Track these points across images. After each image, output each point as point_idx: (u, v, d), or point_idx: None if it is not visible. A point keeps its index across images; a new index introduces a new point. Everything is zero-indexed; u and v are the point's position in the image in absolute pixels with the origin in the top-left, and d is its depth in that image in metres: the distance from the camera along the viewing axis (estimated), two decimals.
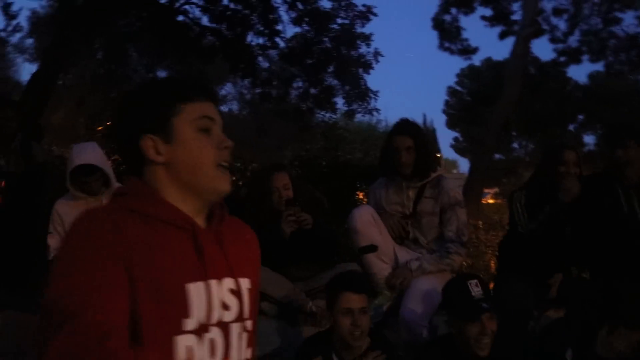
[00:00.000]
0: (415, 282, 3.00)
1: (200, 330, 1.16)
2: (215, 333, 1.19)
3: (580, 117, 26.11)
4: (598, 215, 3.06)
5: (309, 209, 3.12)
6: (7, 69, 20.58)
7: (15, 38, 19.43)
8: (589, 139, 27.02)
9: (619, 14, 14.12)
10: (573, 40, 15.06)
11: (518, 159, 26.48)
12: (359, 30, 9.90)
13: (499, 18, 16.22)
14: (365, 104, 10.12)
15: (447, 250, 3.07)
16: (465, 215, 3.20)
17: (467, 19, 17.54)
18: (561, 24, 15.02)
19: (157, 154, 1.22)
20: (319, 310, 2.95)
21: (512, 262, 3.22)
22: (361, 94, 10.07)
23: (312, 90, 10.63)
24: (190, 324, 1.15)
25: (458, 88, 28.42)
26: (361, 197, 6.70)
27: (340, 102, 10.55)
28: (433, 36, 17.12)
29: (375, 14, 9.90)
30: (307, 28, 9.98)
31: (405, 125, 3.27)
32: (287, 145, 18.03)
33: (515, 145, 27.03)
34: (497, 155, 24.60)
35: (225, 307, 1.21)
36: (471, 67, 26.51)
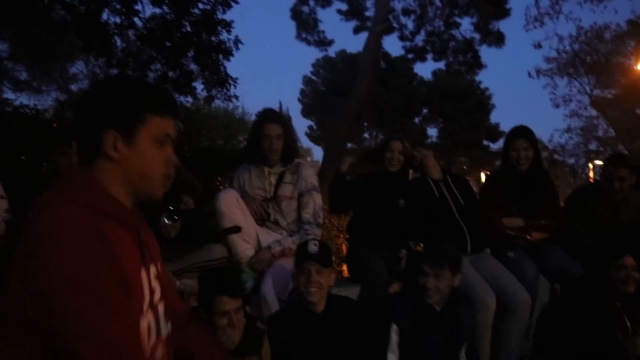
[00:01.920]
0: (275, 261, 3.29)
1: (147, 312, 1.31)
2: (151, 314, 1.34)
3: (425, 110, 28.15)
4: (419, 199, 3.66)
5: (183, 190, 3.27)
6: None
7: None
8: (432, 131, 29.26)
9: (458, 19, 15.50)
10: (419, 40, 16.22)
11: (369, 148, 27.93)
12: (220, 16, 9.90)
13: (354, 13, 17.04)
14: (225, 91, 10.17)
15: (305, 232, 3.38)
16: (320, 200, 3.54)
17: (324, 12, 18.11)
18: (409, 23, 16.11)
19: (114, 149, 1.29)
20: (186, 289, 3.14)
21: (361, 240, 3.67)
22: (221, 80, 10.08)
23: (171, 74, 10.45)
24: (145, 306, 1.30)
25: (313, 78, 29.16)
26: (218, 181, 6.83)
27: (199, 87, 10.49)
28: (291, 26, 17.45)
29: (236, 1, 9.94)
30: (167, 10, 9.78)
31: (275, 114, 3.54)
32: None
33: (366, 135, 28.38)
34: (349, 145, 25.75)
35: (152, 290, 1.37)
36: (326, 58, 27.31)
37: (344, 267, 4.70)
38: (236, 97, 10.30)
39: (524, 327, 3.43)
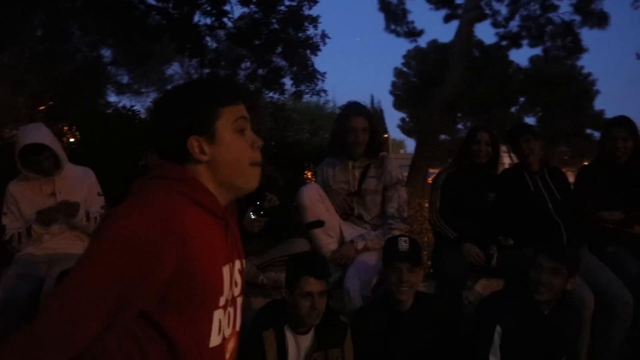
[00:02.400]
0: (358, 256, 3.23)
1: (225, 305, 1.35)
2: (229, 307, 1.38)
3: (522, 99, 26.99)
4: (513, 196, 3.45)
5: (266, 186, 3.30)
6: None
7: None
8: (529, 121, 28.00)
9: (555, 2, 14.66)
10: (513, 25, 15.52)
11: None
12: (307, 12, 9.98)
13: (444, 2, 16.55)
14: (313, 85, 10.25)
15: (389, 227, 3.30)
16: (405, 194, 3.45)
17: (413, 2, 17.80)
18: (502, 9, 15.46)
19: (201, 153, 1.33)
20: (269, 282, 3.16)
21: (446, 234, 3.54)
22: (309, 75, 10.19)
23: (260, 71, 10.68)
24: (222, 300, 1.33)
25: (405, 69, 28.75)
26: (309, 176, 6.88)
27: (288, 83, 10.65)
28: (380, 18, 17.23)
29: None
30: (254, 9, 9.99)
31: (360, 107, 3.49)
32: None
33: (460, 126, 27.69)
34: (442, 136, 25.21)
35: (235, 284, 1.41)
36: (417, 49, 26.79)
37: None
38: (324, 91, 10.37)
39: (625, 329, 3.15)
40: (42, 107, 16.44)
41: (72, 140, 7.41)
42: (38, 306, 2.76)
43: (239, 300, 1.45)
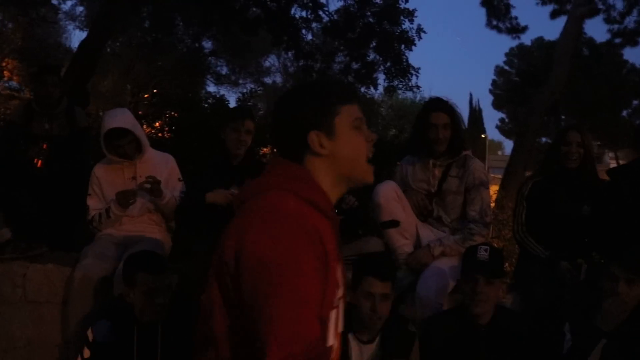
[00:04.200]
0: (434, 261, 3.05)
1: (338, 305, 1.35)
2: (340, 308, 1.39)
3: (635, 102, 25.24)
4: (623, 205, 3.07)
5: None
6: (59, 36, 21.15)
7: (66, 5, 19.96)
8: None
9: None
10: (630, 21, 14.46)
11: None
12: (403, 5, 9.76)
13: None
14: (406, 81, 10.02)
15: (470, 232, 3.08)
16: (489, 196, 3.22)
17: None
18: (618, 3, 14.43)
19: (321, 147, 1.37)
20: None
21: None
22: (402, 71, 9.96)
23: (354, 65, 10.59)
24: (336, 301, 1.33)
25: (506, 68, 27.78)
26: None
27: (381, 77, 10.49)
28: (481, 13, 16.61)
29: None
30: (350, 2, 9.91)
31: (441, 102, 3.28)
32: None
33: None
34: (543, 139, 24.04)
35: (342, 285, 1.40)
36: (521, 47, 25.86)
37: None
38: (418, 87, 10.14)
39: None
40: (146, 95, 17.31)
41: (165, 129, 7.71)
42: (112, 286, 2.83)
43: (342, 302, 1.44)
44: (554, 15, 15.95)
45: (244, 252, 1.21)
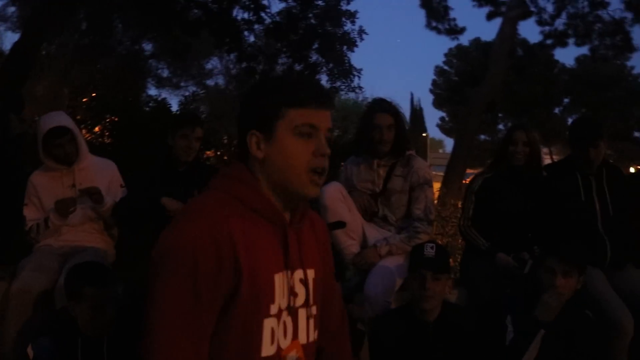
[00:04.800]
0: (381, 260, 3.10)
1: (279, 314, 1.32)
2: (286, 317, 1.35)
3: (566, 100, 26.27)
4: (557, 201, 3.21)
5: None
6: None
7: None
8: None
9: None
10: (560, 23, 15.05)
11: None
12: (344, 7, 9.87)
13: None
14: (349, 82, 10.13)
15: (415, 230, 3.14)
16: (433, 194, 3.29)
17: None
18: (548, 6, 14.98)
19: (257, 149, 1.33)
20: None
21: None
22: (345, 72, 10.07)
23: (297, 67, 10.62)
24: (273, 308, 1.31)
25: (446, 68, 28.38)
26: None
27: (324, 78, 10.56)
28: (421, 15, 16.90)
29: None
30: (292, 4, 9.93)
31: (385, 104, 3.33)
32: None
33: (501, 126, 27.13)
34: (482, 137, 24.72)
35: (294, 294, 1.37)
36: (459, 47, 26.44)
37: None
38: (360, 88, 10.24)
39: None
40: (85, 99, 16.78)
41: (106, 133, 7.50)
42: (52, 299, 2.72)
43: (304, 311, 1.40)
44: (489, 17, 16.43)
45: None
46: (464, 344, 2.61)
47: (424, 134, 31.93)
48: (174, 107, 9.31)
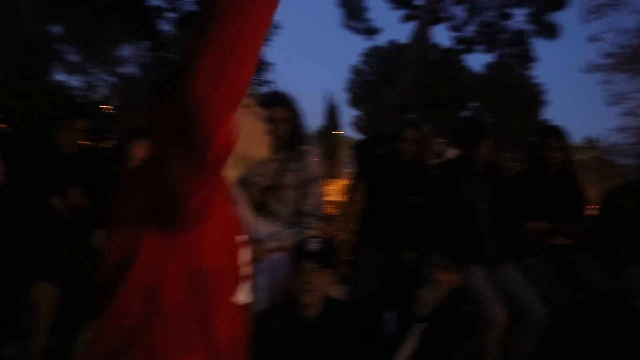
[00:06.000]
0: (267, 256, 3.10)
1: (244, 279, 1.34)
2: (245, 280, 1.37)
3: (476, 104, 27.36)
4: (443, 198, 3.34)
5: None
6: None
7: None
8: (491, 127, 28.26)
9: (512, 11, 14.88)
10: (470, 30, 15.68)
11: None
12: None
13: (403, 1, 16.61)
14: (260, 76, 10.06)
15: (304, 225, 3.17)
16: (323, 191, 3.34)
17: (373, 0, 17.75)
18: (460, 13, 15.60)
19: None
20: None
21: (367, 236, 3.44)
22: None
23: None
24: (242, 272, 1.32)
25: (362, 67, 28.78)
26: None
27: None
28: (338, 13, 17.07)
29: None
30: None
31: (281, 97, 3.33)
32: None
33: None
34: None
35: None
36: (376, 48, 26.93)
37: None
38: (271, 82, 10.17)
39: (535, 343, 3.14)
40: None
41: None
42: None
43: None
44: (405, 19, 16.86)
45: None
46: (344, 340, 2.65)
47: (338, 132, 32.28)
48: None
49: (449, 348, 2.78)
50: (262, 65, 10.01)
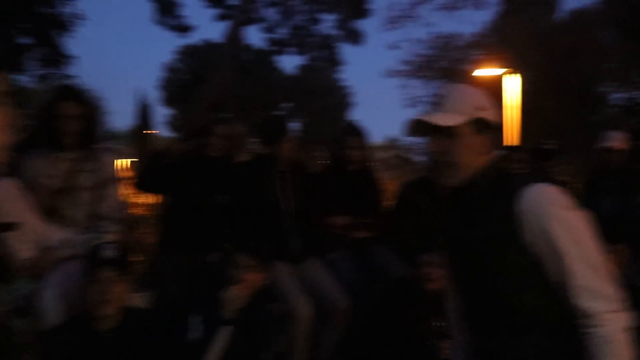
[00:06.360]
0: (61, 264, 2.81)
1: None
2: None
3: (288, 105, 28.23)
4: (248, 196, 3.32)
5: None
6: None
7: None
8: (294, 127, 29.30)
9: (321, 16, 15.57)
10: (282, 33, 16.08)
11: None
12: None
13: (217, 0, 16.46)
14: (60, 69, 9.27)
15: (100, 230, 2.94)
16: (120, 192, 3.13)
17: None
18: (273, 15, 15.90)
19: None
20: None
21: (169, 238, 3.30)
22: (54, 58, 9.18)
23: None
24: None
25: (176, 65, 28.20)
26: None
27: (32, 64, 9.46)
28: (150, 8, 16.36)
29: None
30: None
31: (73, 92, 3.05)
32: None
33: None
34: None
35: None
36: (190, 46, 26.54)
37: None
38: (73, 76, 9.43)
39: (340, 334, 3.26)
40: None
41: None
42: None
43: None
44: (219, 18, 16.72)
45: None
46: (146, 351, 2.49)
47: (152, 131, 31.23)
48: None
49: (258, 348, 2.77)
50: (61, 58, 9.19)
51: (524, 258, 1.47)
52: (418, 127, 1.61)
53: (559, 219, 1.43)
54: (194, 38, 25.83)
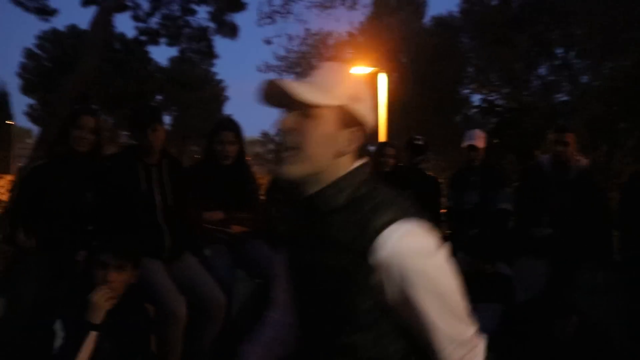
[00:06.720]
0: None
1: None
2: None
3: (159, 97, 27.41)
4: (117, 192, 3.17)
5: None
6: None
7: None
8: (166, 119, 28.63)
9: (195, 7, 15.24)
10: (154, 22, 15.53)
11: None
12: None
13: None
14: None
15: None
16: None
17: None
18: (144, 4, 15.29)
19: None
20: None
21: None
22: None
23: None
24: None
25: (38, 51, 26.43)
26: None
27: None
28: None
29: None
30: None
31: None
32: None
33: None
34: None
35: None
36: (54, 31, 25.08)
37: None
38: None
39: (217, 331, 3.24)
40: None
41: None
42: None
43: None
44: (85, 3, 15.76)
45: None
46: None
47: (9, 122, 28.94)
48: None
49: (128, 353, 2.66)
50: None
51: (370, 303, 1.25)
52: (273, 95, 1.30)
53: (421, 274, 1.22)
54: (58, 23, 24.23)
